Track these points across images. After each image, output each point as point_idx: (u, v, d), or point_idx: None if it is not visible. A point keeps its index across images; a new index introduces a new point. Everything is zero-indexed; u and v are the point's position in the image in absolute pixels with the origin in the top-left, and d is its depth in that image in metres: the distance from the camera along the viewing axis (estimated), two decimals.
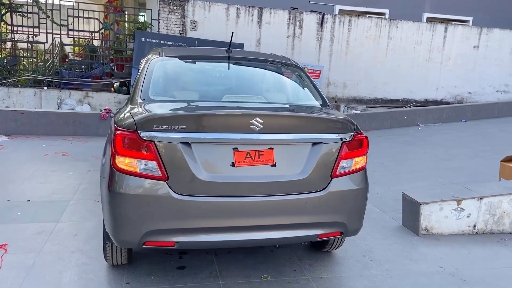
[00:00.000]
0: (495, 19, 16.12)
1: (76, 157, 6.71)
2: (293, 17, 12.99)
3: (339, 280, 3.38)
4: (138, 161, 2.74)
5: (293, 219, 2.92)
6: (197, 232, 2.82)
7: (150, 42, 11.50)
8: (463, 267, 3.67)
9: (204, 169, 2.77)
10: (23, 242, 3.75)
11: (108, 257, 3.24)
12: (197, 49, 4.37)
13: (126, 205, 2.75)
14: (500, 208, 4.37)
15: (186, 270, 3.41)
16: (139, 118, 2.75)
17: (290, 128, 2.91)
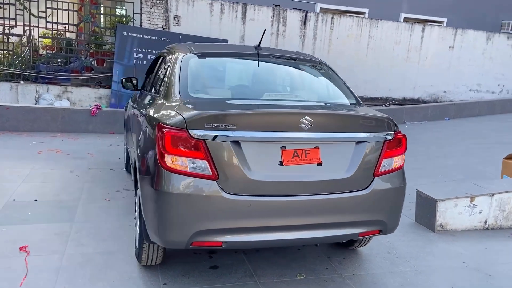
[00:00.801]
0: (468, 21, 16.70)
1: (72, 154, 6.48)
2: (277, 14, 13.00)
3: (372, 277, 3.42)
4: (188, 160, 2.67)
5: (338, 217, 2.93)
6: (245, 231, 2.78)
7: (132, 37, 11.27)
8: (485, 262, 3.78)
9: (254, 168, 2.74)
10: (44, 243, 3.59)
11: (144, 257, 3.15)
12: (224, 45, 4.30)
13: (175, 205, 2.68)
14: (509, 204, 4.54)
15: (219, 269, 3.36)
16: (189, 116, 2.67)
17: (336, 126, 2.91)
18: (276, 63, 3.75)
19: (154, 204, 2.77)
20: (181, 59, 3.39)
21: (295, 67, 3.79)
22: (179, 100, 3.00)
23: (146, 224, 2.92)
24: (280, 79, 3.69)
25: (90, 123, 8.22)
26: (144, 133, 3.19)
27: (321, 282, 3.28)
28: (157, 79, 4.00)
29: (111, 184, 5.24)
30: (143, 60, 11.32)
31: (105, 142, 7.48)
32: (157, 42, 11.20)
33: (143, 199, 2.94)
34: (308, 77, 3.72)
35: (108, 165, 6.08)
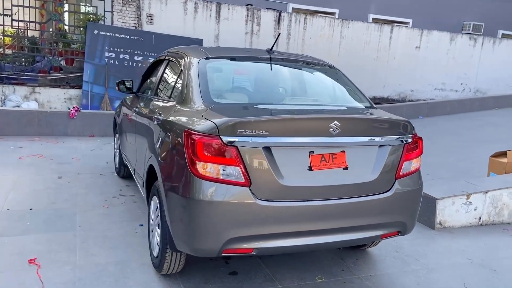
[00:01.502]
0: (432, 22, 17.29)
1: (55, 159, 6.23)
2: (251, 13, 12.99)
3: (388, 277, 3.49)
4: (220, 166, 2.64)
5: (364, 220, 2.97)
6: (276, 237, 2.77)
7: (103, 35, 10.96)
8: (488, 258, 3.95)
9: (284, 173, 2.74)
10: (52, 255, 3.45)
11: (166, 266, 3.08)
12: (237, 49, 4.25)
13: (208, 212, 2.64)
14: (501, 200, 4.76)
15: (239, 275, 3.34)
16: (222, 123, 2.63)
17: (361, 130, 2.95)
18: (291, 67, 3.75)
19: (185, 212, 2.71)
20: (197, 63, 3.33)
21: (309, 70, 3.81)
22: (203, 106, 2.95)
23: (173, 233, 2.86)
24: (298, 83, 3.70)
25: (68, 126, 7.93)
26: (163, 139, 3.11)
27: (341, 284, 3.32)
28: (165, 83, 3.91)
29: (105, 190, 5.08)
30: (115, 60, 11.04)
31: (87, 146, 7.24)
32: (129, 41, 10.96)
33: (169, 207, 2.87)
34: (323, 81, 3.75)
35: (96, 169, 5.90)
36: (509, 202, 4.80)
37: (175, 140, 2.91)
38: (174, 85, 3.60)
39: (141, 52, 11.29)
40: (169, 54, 4.05)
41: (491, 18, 18.57)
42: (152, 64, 4.74)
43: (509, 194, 4.78)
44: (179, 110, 3.14)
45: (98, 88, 10.94)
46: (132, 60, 11.17)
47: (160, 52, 11.36)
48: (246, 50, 4.13)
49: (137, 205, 4.66)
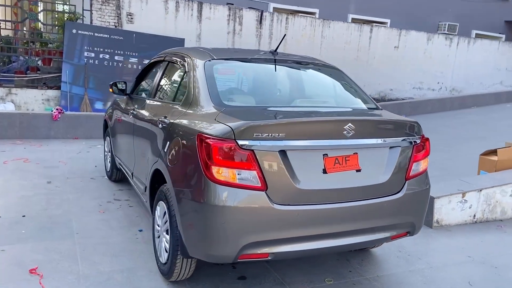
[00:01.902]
0: (409, 22, 17.59)
1: (42, 163, 6.04)
2: (233, 13, 12.92)
3: (395, 277, 3.51)
4: (236, 171, 2.59)
5: (376, 222, 2.97)
6: (292, 241, 2.74)
7: (82, 34, 10.70)
8: (487, 255, 4.02)
9: (300, 176, 2.71)
10: (53, 264, 3.32)
11: (176, 272, 3.01)
12: (241, 50, 4.19)
13: (224, 217, 2.58)
14: (494, 198, 4.86)
15: (248, 280, 3.29)
16: (237, 126, 2.58)
17: (372, 132, 2.95)
18: (297, 68, 3.73)
19: (199, 218, 2.65)
20: (203, 65, 3.27)
21: (315, 72, 3.79)
22: (214, 109, 2.89)
23: (185, 239, 2.79)
24: (306, 85, 3.67)
25: (51, 129, 7.70)
26: (172, 143, 3.02)
27: (350, 286, 3.32)
28: (167, 85, 3.83)
29: (97, 194, 4.95)
30: (95, 59, 10.80)
31: (72, 149, 7.05)
32: (109, 41, 10.74)
33: (181, 212, 2.80)
34: (329, 82, 3.73)
35: (85, 173, 5.74)
36: (502, 200, 4.91)
37: (186, 144, 2.84)
38: (178, 87, 3.52)
39: (121, 51, 11.06)
40: (169, 56, 3.96)
41: (465, 18, 19.04)
42: (148, 65, 4.64)
43: (502, 192, 4.89)
44: (187, 113, 3.07)
45: (77, 88, 10.68)
46: (112, 60, 10.95)
47: (141, 51, 11.17)
48: (250, 51, 4.08)
49: (134, 209, 4.56)
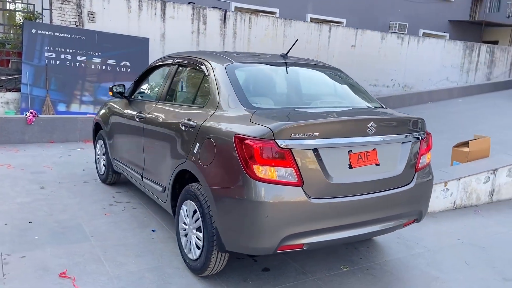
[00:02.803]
0: (363, 21, 18.38)
1: (26, 169, 5.90)
2: (197, 12, 12.96)
3: (401, 261, 3.84)
4: (276, 168, 2.79)
5: (393, 211, 3.27)
6: (324, 232, 2.97)
7: (42, 34, 10.40)
8: (473, 237, 4.46)
9: (330, 172, 2.95)
10: (80, 267, 3.36)
11: (210, 267, 3.16)
12: (253, 54, 4.33)
13: (266, 212, 2.77)
14: (470, 185, 5.35)
15: (272, 271, 3.50)
16: (276, 127, 2.78)
17: (388, 129, 3.24)
18: (310, 71, 3.97)
19: (242, 214, 2.82)
20: (225, 68, 3.42)
21: (325, 74, 4.02)
22: (246, 111, 3.06)
23: (223, 234, 2.95)
24: (320, 86, 3.91)
25: (26, 133, 7.47)
26: (203, 144, 3.15)
27: (365, 271, 3.61)
28: (182, 89, 3.94)
29: (97, 198, 4.94)
30: (56, 60, 10.52)
31: (52, 153, 6.90)
32: (71, 40, 10.49)
33: (220, 209, 2.95)
34: (339, 84, 3.97)
35: (76, 178, 5.68)
36: (477, 187, 5.41)
37: (222, 145, 3.00)
38: (197, 90, 3.65)
39: (84, 51, 10.85)
40: (179, 59, 4.07)
41: (413, 18, 20.12)
42: (149, 69, 4.70)
43: (477, 180, 5.39)
44: (216, 116, 3.21)
45: (38, 90, 10.36)
46: (74, 60, 10.71)
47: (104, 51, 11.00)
48: (262, 55, 4.25)
49: (139, 211, 4.62)
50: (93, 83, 10.88)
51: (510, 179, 5.69)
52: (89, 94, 10.77)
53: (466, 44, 18.41)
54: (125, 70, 11.27)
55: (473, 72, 19.05)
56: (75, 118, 8.18)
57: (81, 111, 10.58)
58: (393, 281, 3.46)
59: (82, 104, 10.76)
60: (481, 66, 19.23)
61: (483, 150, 5.96)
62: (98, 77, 10.94)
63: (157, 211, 4.60)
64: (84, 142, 7.88)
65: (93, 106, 10.74)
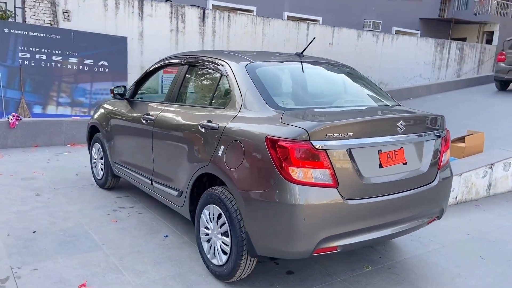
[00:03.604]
0: (338, 19, 18.56)
1: (16, 175, 5.61)
2: (175, 10, 12.74)
3: (420, 258, 3.85)
4: (312, 170, 2.72)
5: (420, 209, 3.27)
6: (358, 233, 2.93)
7: (15, 34, 9.97)
8: (480, 232, 4.53)
9: (363, 172, 2.91)
10: (99, 277, 3.20)
11: (239, 272, 3.07)
12: (270, 53, 4.22)
13: (303, 215, 2.70)
14: (470, 180, 5.45)
15: (297, 274, 3.43)
16: (311, 127, 2.71)
17: (414, 128, 3.22)
18: (329, 70, 3.93)
19: (277, 217, 2.74)
20: (245, 68, 3.33)
21: (342, 73, 3.97)
22: (274, 112, 2.98)
23: (255, 239, 2.87)
24: (340, 85, 3.86)
25: (8, 137, 7.12)
26: (229, 146, 3.04)
27: (387, 269, 3.60)
28: (196, 90, 3.81)
29: (98, 204, 4.74)
30: (30, 60, 10.11)
31: (39, 158, 6.60)
32: (46, 40, 10.10)
33: (251, 213, 2.86)
34: (356, 82, 3.93)
35: (71, 183, 5.45)
36: (476, 182, 5.52)
37: (251, 147, 2.90)
38: (215, 91, 3.54)
39: (59, 51, 10.47)
40: (189, 59, 3.93)
41: (386, 16, 20.47)
42: (152, 70, 4.54)
43: (476, 174, 5.49)
44: (241, 117, 3.11)
45: (12, 92, 9.93)
46: (50, 60, 10.32)
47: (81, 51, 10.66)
48: (278, 54, 4.17)
49: (146, 216, 4.46)
50: (70, 84, 10.51)
51: (505, 173, 5.83)
52: (66, 95, 10.39)
53: (437, 41, 18.88)
54: (103, 70, 10.94)
55: (444, 69, 19.57)
56: (60, 121, 7.87)
57: (58, 113, 10.21)
58: (418, 279, 3.46)
59: (59, 106, 10.38)
60: (451, 62, 19.78)
61: (477, 145, 6.09)
62: (75, 77, 10.58)
63: (164, 216, 4.46)
64: (70, 145, 7.60)
65: (70, 107, 10.40)
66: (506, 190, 5.93)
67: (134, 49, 11.97)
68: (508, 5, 23.69)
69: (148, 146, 4.08)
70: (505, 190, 5.92)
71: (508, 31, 22.02)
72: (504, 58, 12.62)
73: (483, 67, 21.19)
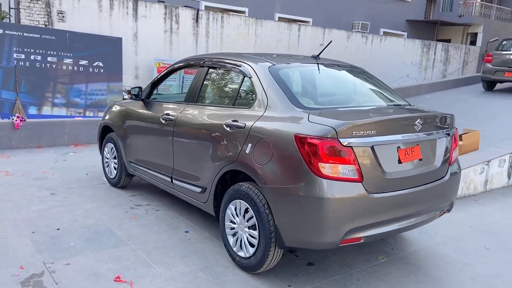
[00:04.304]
0: (328, 21, 18.84)
1: (27, 175, 5.67)
2: (169, 11, 12.83)
3: (430, 249, 4.07)
4: (340, 166, 2.91)
5: (434, 202, 3.49)
6: (380, 225, 3.13)
7: (10, 35, 9.97)
8: (482, 224, 4.78)
9: (385, 167, 3.11)
10: (130, 270, 3.33)
11: (266, 263, 3.24)
12: (287, 55, 4.38)
13: (331, 208, 2.88)
14: (469, 176, 5.71)
15: (317, 265, 3.62)
16: (339, 125, 2.89)
17: (429, 126, 3.43)
18: (343, 71, 4.12)
19: (307, 210, 2.92)
20: (268, 70, 3.50)
21: (356, 74, 4.16)
22: (301, 112, 3.16)
23: (284, 231, 3.05)
24: (357, 85, 4.05)
25: (13, 138, 7.15)
26: (257, 144, 3.20)
27: (400, 260, 3.81)
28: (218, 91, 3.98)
29: (115, 202, 4.86)
30: (25, 61, 10.12)
31: (45, 158, 6.66)
32: (41, 41, 10.12)
33: (280, 207, 3.04)
34: (370, 83, 4.12)
35: (83, 182, 5.54)
36: (474, 177, 5.78)
37: (279, 145, 3.07)
38: (238, 92, 3.70)
39: (54, 52, 10.49)
40: (209, 61, 4.09)
41: (374, 18, 20.85)
42: (169, 71, 4.68)
43: (474, 171, 5.76)
44: (268, 116, 3.28)
45: (7, 93, 9.93)
46: (45, 61, 10.33)
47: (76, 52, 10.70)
48: (295, 56, 4.35)
49: (163, 213, 4.59)
50: (65, 84, 10.53)
51: (500, 169, 6.11)
52: (62, 96, 10.42)
53: (423, 42, 19.31)
54: (98, 71, 10.99)
55: (431, 69, 20.04)
56: (63, 122, 7.92)
57: (54, 114, 10.23)
58: (431, 268, 3.68)
59: (55, 107, 10.40)
60: (437, 63, 20.26)
61: (474, 143, 6.37)
62: (70, 78, 10.60)
63: (181, 213, 4.60)
64: (74, 146, 7.65)
65: (66, 108, 10.43)
66: (501, 185, 6.22)
67: (129, 50, 12.03)
68: (491, 7, 24.32)
69: (168, 145, 4.22)
70: (500, 186, 6.21)
71: (491, 33, 22.63)
72: (491, 59, 13.02)
73: (468, 67, 21.74)
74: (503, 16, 24.76)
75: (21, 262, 3.38)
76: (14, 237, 3.84)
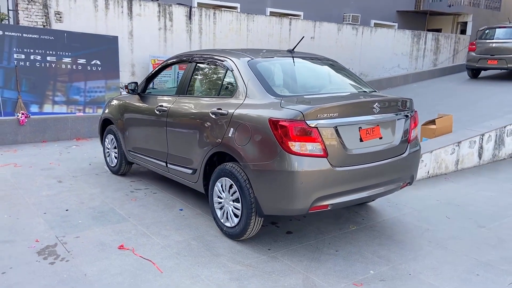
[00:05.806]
0: (319, 13, 19.27)
1: (34, 166, 6.19)
2: (163, 9, 13.26)
3: (397, 219, 4.60)
4: (307, 144, 3.42)
5: (393, 175, 4.00)
6: (343, 194, 3.65)
7: (10, 36, 10.40)
8: (449, 198, 5.31)
9: (347, 145, 3.62)
10: (132, 240, 3.85)
11: (249, 231, 3.76)
12: (266, 50, 4.87)
13: (301, 179, 3.39)
14: (440, 157, 6.23)
15: (295, 233, 4.14)
16: (305, 110, 3.41)
17: (387, 108, 3.94)
18: (315, 63, 4.63)
19: (280, 183, 3.44)
20: (247, 63, 4.00)
21: (326, 65, 4.66)
22: (274, 99, 3.67)
23: (262, 201, 3.57)
24: (325, 75, 4.56)
25: (18, 134, 7.66)
26: (238, 128, 3.70)
27: (369, 228, 4.33)
28: (205, 83, 4.47)
29: (116, 187, 5.37)
30: (25, 61, 10.56)
31: (50, 152, 7.17)
32: (40, 41, 10.56)
33: (259, 181, 3.55)
34: (339, 73, 4.63)
35: (86, 171, 6.06)
36: (445, 158, 6.30)
37: (256, 128, 3.58)
38: (222, 84, 4.20)
39: (53, 52, 10.94)
40: (196, 57, 4.59)
41: (365, 9, 21.28)
42: (162, 67, 5.17)
43: (445, 152, 6.27)
44: (247, 104, 3.79)
45: (9, 92, 10.38)
46: (44, 60, 10.78)
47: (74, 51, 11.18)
48: (272, 51, 4.84)
49: (160, 195, 5.11)
50: (65, 83, 10.99)
51: (470, 150, 6.63)
52: (61, 94, 10.88)
53: (414, 32, 19.76)
54: (96, 69, 11.44)
55: (421, 59, 20.51)
56: (65, 118, 8.42)
57: (54, 111, 10.70)
58: (395, 234, 4.21)
59: (55, 104, 10.86)
60: (427, 53, 20.72)
61: (447, 126, 6.88)
62: (69, 77, 11.06)
63: (176, 194, 5.11)
64: (76, 140, 8.16)
65: (66, 106, 10.89)
66: (472, 165, 6.74)
67: (125, 48, 12.48)
68: None
69: (162, 133, 4.73)
70: (471, 165, 6.73)
71: (480, 21, 23.08)
72: (475, 47, 13.50)
73: (458, 56, 22.21)
74: (492, 4, 25.19)
75: (36, 237, 3.90)
76: (28, 217, 4.35)
